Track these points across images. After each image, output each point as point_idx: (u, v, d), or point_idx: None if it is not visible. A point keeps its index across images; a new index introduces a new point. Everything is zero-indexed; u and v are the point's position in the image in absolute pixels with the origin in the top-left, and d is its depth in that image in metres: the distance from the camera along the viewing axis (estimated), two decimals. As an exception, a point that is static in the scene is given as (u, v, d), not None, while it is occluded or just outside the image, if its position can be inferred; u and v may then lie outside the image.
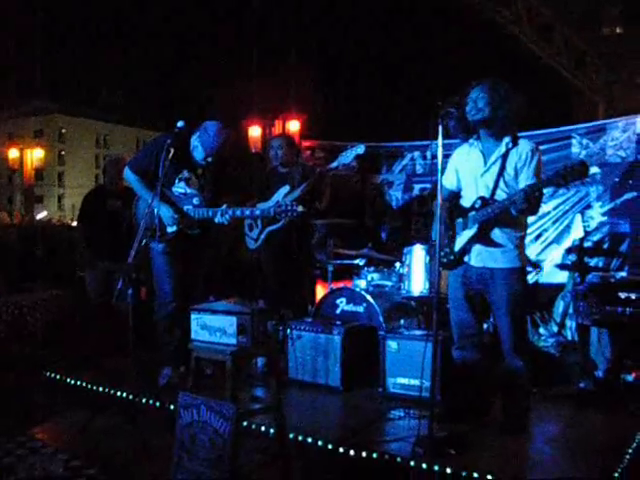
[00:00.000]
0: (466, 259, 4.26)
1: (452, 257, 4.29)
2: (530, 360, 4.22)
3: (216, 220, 5.02)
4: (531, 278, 6.91)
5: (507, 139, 4.12)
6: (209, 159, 5.17)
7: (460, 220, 4.27)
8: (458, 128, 4.18)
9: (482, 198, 4.15)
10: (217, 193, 5.25)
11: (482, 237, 4.16)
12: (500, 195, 4.11)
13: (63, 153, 65.68)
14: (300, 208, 4.76)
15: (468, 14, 12.85)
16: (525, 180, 4.03)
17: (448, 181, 4.40)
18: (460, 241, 4.27)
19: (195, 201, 5.14)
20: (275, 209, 4.85)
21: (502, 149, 4.12)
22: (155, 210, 4.92)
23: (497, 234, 4.14)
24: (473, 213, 4.18)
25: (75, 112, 63.79)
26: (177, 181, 5.17)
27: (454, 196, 4.39)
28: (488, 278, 4.17)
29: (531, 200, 3.88)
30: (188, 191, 5.17)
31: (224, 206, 4.99)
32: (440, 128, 3.80)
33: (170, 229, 5.14)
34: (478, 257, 4.20)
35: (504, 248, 4.13)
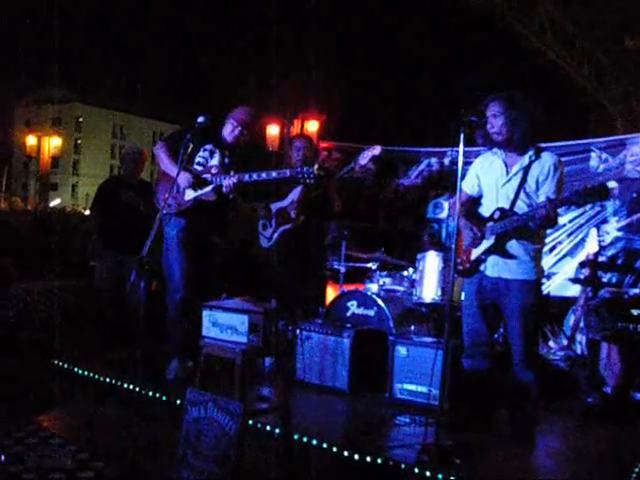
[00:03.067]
0: (482, 268, 4.24)
1: (467, 265, 4.28)
2: (539, 372, 4.20)
3: (224, 183, 5.08)
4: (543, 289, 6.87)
5: (530, 152, 4.11)
6: (237, 131, 5.27)
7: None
8: (485, 139, 4.18)
9: (501, 209, 4.14)
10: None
11: (499, 248, 4.14)
12: (520, 206, 4.09)
13: (79, 142, 65.99)
14: (316, 169, 4.77)
15: (491, 23, 12.83)
16: (545, 194, 4.02)
17: (468, 186, 4.39)
18: (476, 250, 4.26)
19: (213, 170, 5.21)
20: (291, 172, 4.89)
21: (525, 161, 4.12)
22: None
23: (514, 246, 4.13)
24: (491, 224, 4.17)
25: (93, 101, 64.04)
26: (202, 150, 5.29)
27: (472, 202, 4.38)
28: (503, 288, 4.16)
29: (550, 216, 3.87)
30: (209, 162, 5.26)
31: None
32: (462, 136, 3.79)
33: (187, 197, 5.18)
34: (494, 267, 4.19)
35: (520, 260, 4.12)
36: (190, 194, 5.20)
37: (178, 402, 4.55)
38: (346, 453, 3.90)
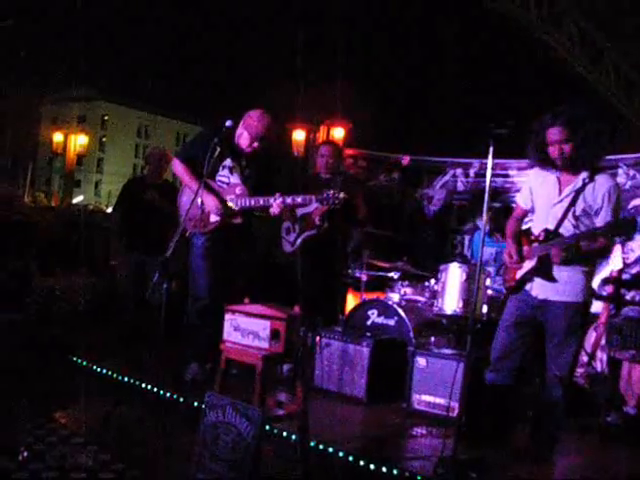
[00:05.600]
0: (527, 288, 4.15)
1: (513, 283, 4.22)
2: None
3: (272, 208, 5.12)
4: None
5: (585, 174, 3.96)
6: (255, 144, 5.25)
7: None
8: (538, 153, 4.07)
9: (546, 231, 4.04)
10: (260, 186, 5.29)
11: (540, 270, 4.05)
12: (566, 227, 3.99)
13: (104, 140, 66.39)
14: (342, 195, 4.79)
15: (520, 34, 12.82)
16: (604, 219, 3.90)
17: (522, 200, 4.33)
18: (520, 270, 4.17)
19: (238, 191, 5.21)
20: (317, 197, 4.92)
21: (578, 183, 3.97)
22: (199, 200, 5.00)
23: (561, 268, 3.99)
24: (535, 245, 4.09)
25: (118, 100, 64.45)
26: (221, 169, 5.30)
27: (524, 215, 4.37)
28: (548, 308, 4.05)
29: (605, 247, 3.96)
30: (231, 181, 5.28)
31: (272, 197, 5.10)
32: (491, 149, 3.73)
33: (213, 218, 5.20)
34: (540, 288, 4.09)
35: (567, 282, 4.01)
36: (216, 217, 5.24)
37: (195, 404, 4.56)
38: (362, 462, 3.89)
